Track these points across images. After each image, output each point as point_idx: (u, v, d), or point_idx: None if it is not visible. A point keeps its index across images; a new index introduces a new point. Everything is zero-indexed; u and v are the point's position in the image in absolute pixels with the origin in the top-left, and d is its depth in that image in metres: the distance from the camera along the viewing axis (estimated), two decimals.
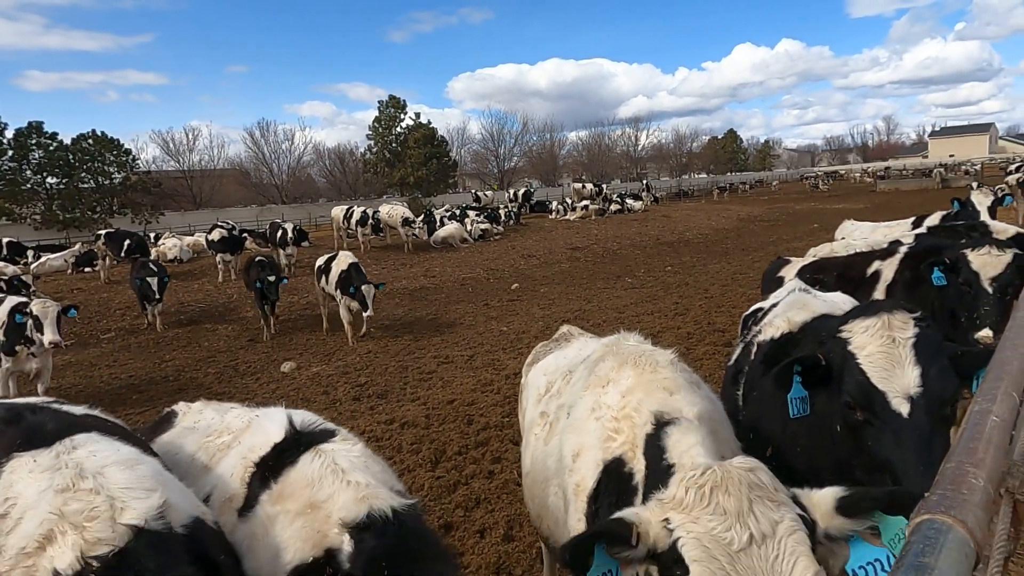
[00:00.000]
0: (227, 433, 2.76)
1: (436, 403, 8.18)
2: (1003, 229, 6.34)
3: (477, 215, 29.09)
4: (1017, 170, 24.37)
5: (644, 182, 64.23)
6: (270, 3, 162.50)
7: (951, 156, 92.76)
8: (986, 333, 4.09)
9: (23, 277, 16.22)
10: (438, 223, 27.82)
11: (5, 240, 25.70)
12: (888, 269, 5.09)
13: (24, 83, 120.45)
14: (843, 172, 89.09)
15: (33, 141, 42.39)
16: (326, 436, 2.42)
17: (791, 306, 3.36)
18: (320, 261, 13.11)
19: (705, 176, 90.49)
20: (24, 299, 9.31)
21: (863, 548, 1.61)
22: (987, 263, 4.15)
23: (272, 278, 12.68)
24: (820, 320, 3.03)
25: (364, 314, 11.73)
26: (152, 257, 22.32)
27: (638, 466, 2.21)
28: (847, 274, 5.44)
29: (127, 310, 16.34)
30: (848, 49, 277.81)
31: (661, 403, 2.32)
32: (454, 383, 9.07)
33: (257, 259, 13.77)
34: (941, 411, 2.17)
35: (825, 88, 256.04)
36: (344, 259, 12.35)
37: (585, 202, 36.81)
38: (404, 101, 58.64)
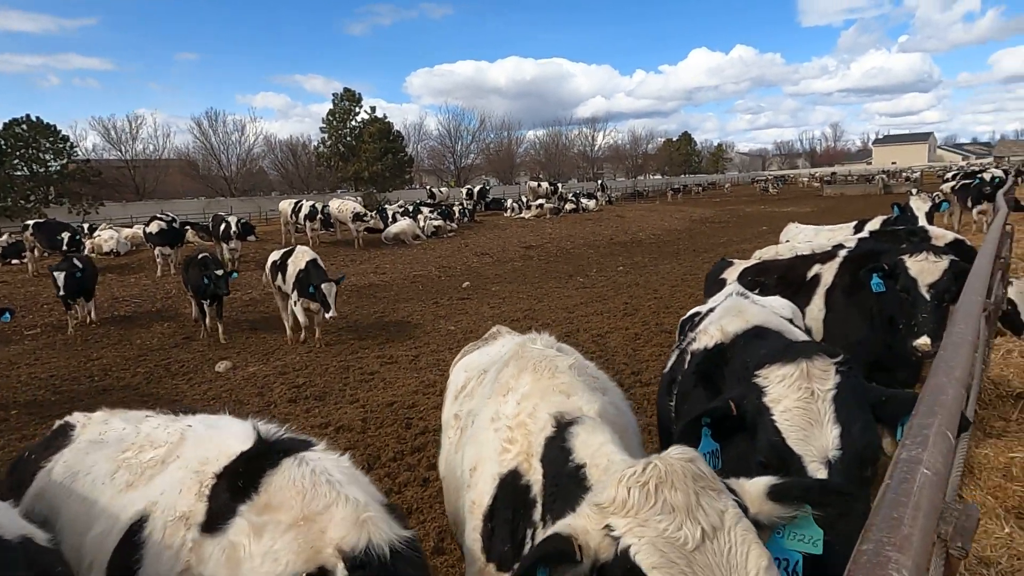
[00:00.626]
0: (153, 447, 2.49)
1: (375, 406, 7.89)
2: (941, 235, 6.42)
3: (431, 212, 28.66)
4: (953, 178, 25.29)
5: (599, 182, 64.63)
6: None
7: (893, 163, 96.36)
8: (924, 341, 4.05)
9: None
10: (391, 219, 27.32)
11: None
12: (828, 273, 5.06)
13: None
14: (792, 176, 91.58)
15: None
16: (305, 445, 2.22)
17: (726, 313, 3.22)
18: (275, 256, 12.01)
19: (660, 177, 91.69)
20: None
21: (776, 545, 1.63)
22: (924, 269, 4.10)
23: (220, 272, 11.59)
24: (752, 334, 2.86)
25: (326, 315, 10.64)
26: (87, 249, 21.37)
27: (535, 476, 2.08)
28: (788, 277, 5.41)
29: (55, 305, 15.44)
30: (799, 57, 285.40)
31: (559, 405, 2.19)
32: (396, 384, 8.79)
33: (200, 256, 12.30)
34: (861, 474, 2.01)
35: (776, 94, 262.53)
36: (302, 255, 11.29)
37: (540, 201, 36.77)
38: (359, 94, 57.61)
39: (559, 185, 41.57)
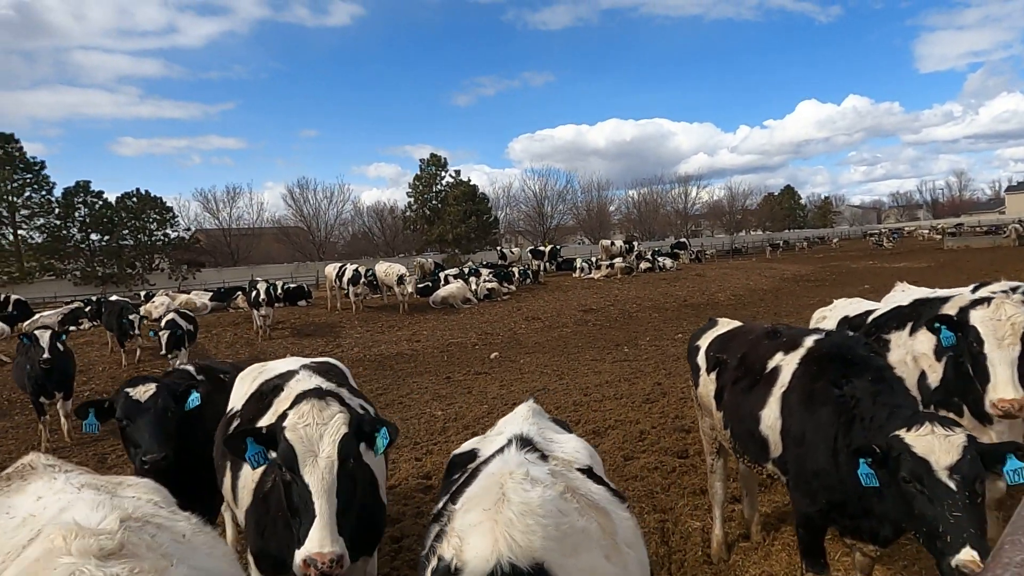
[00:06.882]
0: None
1: None
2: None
3: (488, 273, 27.27)
4: None
5: (677, 239, 61.83)
6: (342, 72, 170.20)
7: None
8: (971, 557, 2.17)
9: None
10: (442, 281, 26.18)
11: (13, 298, 25.30)
12: (787, 369, 3.21)
13: (118, 149, 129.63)
14: (912, 228, 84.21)
15: (80, 199, 43.75)
16: None
17: (473, 505, 2.06)
18: (247, 382, 4.30)
19: (761, 233, 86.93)
20: None
21: None
22: (935, 448, 2.36)
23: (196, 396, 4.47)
24: None
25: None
26: (141, 315, 21.33)
27: None
28: (749, 361, 3.56)
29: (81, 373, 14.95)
30: (919, 104, 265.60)
31: None
32: None
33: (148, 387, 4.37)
34: None
35: (894, 144, 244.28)
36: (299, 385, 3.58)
37: (613, 260, 34.64)
38: (444, 159, 59.00)
39: (635, 243, 39.18)
